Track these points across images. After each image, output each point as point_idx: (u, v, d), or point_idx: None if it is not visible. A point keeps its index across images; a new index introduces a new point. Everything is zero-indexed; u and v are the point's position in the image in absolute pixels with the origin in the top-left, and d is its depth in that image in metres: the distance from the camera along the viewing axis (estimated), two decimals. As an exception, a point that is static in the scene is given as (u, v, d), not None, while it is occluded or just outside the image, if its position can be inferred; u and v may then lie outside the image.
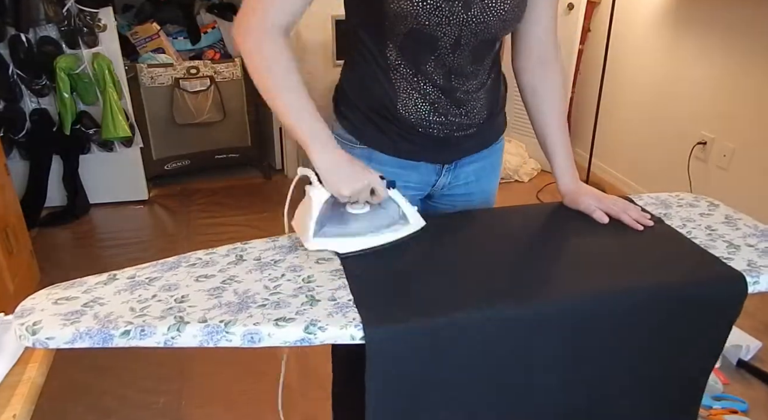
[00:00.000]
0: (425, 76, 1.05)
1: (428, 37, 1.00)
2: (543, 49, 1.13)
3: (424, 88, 1.06)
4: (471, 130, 1.13)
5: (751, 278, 0.94)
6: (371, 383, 0.83)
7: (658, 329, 0.94)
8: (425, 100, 1.07)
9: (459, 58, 1.04)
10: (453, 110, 1.09)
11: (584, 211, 1.11)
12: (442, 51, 1.02)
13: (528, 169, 3.48)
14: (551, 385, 0.94)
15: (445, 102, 1.08)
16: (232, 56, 3.32)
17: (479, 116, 1.13)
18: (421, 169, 1.15)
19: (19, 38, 2.61)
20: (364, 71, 1.08)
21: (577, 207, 1.13)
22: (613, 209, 1.10)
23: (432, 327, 0.83)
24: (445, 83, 1.06)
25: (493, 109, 1.16)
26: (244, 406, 1.83)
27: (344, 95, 1.13)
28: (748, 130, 2.52)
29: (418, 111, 1.08)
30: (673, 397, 1.04)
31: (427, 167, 1.15)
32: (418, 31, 0.99)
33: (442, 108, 1.08)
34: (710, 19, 2.64)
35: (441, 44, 1.01)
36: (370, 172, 0.98)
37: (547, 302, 0.88)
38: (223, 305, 0.83)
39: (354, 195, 0.96)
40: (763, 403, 1.84)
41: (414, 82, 1.06)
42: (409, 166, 1.14)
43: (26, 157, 2.88)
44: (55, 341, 0.77)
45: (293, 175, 3.46)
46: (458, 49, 1.02)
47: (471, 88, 1.09)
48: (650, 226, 1.08)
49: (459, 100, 1.08)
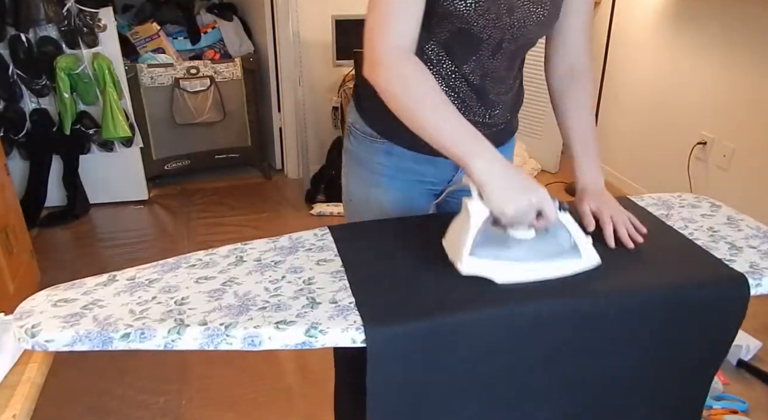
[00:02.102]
0: (463, 76, 1.07)
1: (474, 39, 1.01)
2: (575, 58, 1.14)
3: (459, 87, 1.08)
4: (493, 129, 1.15)
5: (754, 280, 0.93)
6: (372, 385, 0.83)
7: (660, 331, 0.93)
8: (457, 98, 1.09)
9: (496, 62, 1.06)
10: (480, 111, 1.11)
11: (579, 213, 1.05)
12: (483, 52, 1.04)
13: (528, 169, 3.47)
14: (553, 386, 0.94)
15: (476, 102, 1.10)
16: (232, 56, 3.31)
17: (502, 118, 1.15)
18: (439, 164, 1.15)
19: (19, 38, 2.61)
20: None
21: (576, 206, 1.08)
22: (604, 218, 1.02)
23: (433, 328, 0.82)
24: (480, 84, 1.08)
25: (513, 113, 1.19)
26: (244, 406, 1.82)
27: (366, 89, 1.13)
28: (748, 130, 2.52)
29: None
30: (677, 399, 1.03)
31: (444, 163, 1.15)
32: (466, 32, 1.00)
33: (471, 107, 1.10)
34: (710, 19, 2.63)
35: (484, 46, 1.03)
36: (540, 189, 0.87)
37: (548, 303, 0.88)
38: (224, 307, 0.83)
39: (518, 215, 0.86)
40: (763, 403, 1.84)
41: (450, 79, 1.07)
42: (428, 161, 1.15)
43: (26, 157, 2.88)
44: (54, 344, 0.77)
45: (293, 176, 3.49)
46: (498, 52, 1.05)
47: (501, 90, 1.11)
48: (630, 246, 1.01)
49: (489, 101, 1.10)
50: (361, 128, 1.18)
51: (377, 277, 0.91)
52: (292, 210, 3.13)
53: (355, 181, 1.22)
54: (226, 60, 3.21)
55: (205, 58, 3.23)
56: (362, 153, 1.20)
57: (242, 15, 3.53)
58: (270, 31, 3.19)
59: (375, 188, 1.19)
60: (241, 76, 3.22)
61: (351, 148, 1.22)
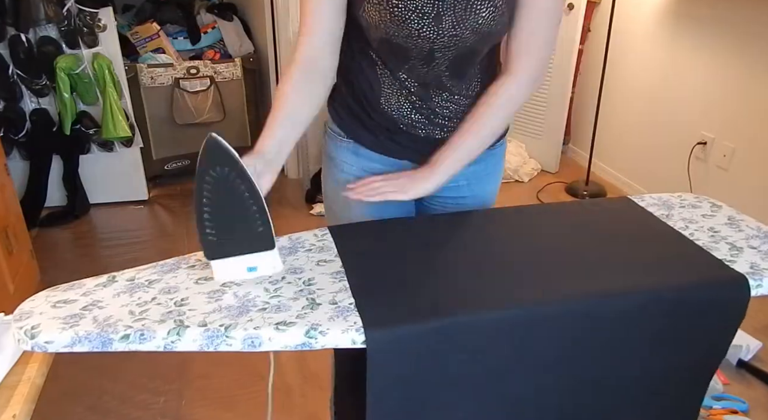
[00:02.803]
0: (401, 84, 1.06)
1: (399, 48, 0.99)
2: (511, 56, 1.04)
3: (405, 87, 1.07)
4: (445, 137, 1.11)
5: (754, 281, 0.93)
6: (371, 385, 0.83)
7: (659, 331, 0.93)
8: (406, 99, 1.07)
9: (434, 71, 1.03)
10: (433, 114, 1.09)
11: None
12: (414, 62, 1.02)
13: (528, 169, 3.47)
14: (552, 386, 0.94)
15: (425, 106, 1.08)
16: (232, 56, 3.31)
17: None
18: (406, 167, 1.14)
19: (19, 38, 2.61)
20: (352, 65, 1.08)
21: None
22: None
23: (433, 329, 0.82)
24: (421, 92, 1.06)
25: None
26: (243, 407, 1.82)
27: (336, 89, 1.13)
28: (748, 130, 2.51)
29: (400, 108, 1.08)
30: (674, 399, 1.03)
31: (411, 167, 1.13)
32: (389, 42, 0.99)
33: (423, 110, 1.08)
34: (710, 19, 2.63)
35: (413, 55, 1.00)
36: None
37: (547, 303, 0.88)
38: (223, 309, 0.83)
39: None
40: (763, 403, 1.84)
41: (395, 81, 1.06)
42: (395, 163, 1.14)
43: (26, 157, 2.87)
44: (53, 345, 0.77)
45: (293, 176, 3.49)
46: (433, 62, 1.01)
47: (452, 99, 1.08)
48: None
49: (439, 106, 1.08)
50: (332, 126, 1.17)
51: (377, 278, 0.91)
52: (291, 210, 3.12)
53: (328, 180, 1.21)
54: (226, 60, 3.21)
55: (205, 58, 3.23)
56: (333, 152, 1.18)
57: (242, 15, 3.53)
58: (270, 31, 3.19)
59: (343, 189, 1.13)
60: (241, 76, 3.22)
61: (325, 147, 1.21)
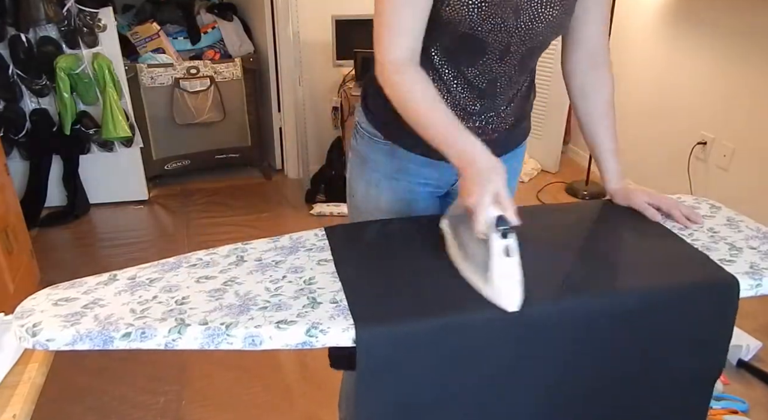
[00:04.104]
0: (466, 81, 1.06)
1: (479, 43, 1.01)
2: (594, 52, 1.12)
3: (460, 92, 1.07)
4: (495, 134, 1.14)
5: (754, 281, 0.93)
6: (361, 384, 0.83)
7: (653, 332, 0.93)
8: (456, 104, 1.08)
9: (506, 65, 1.05)
10: (483, 115, 1.11)
11: (637, 208, 1.12)
12: (490, 57, 1.03)
13: (528, 169, 3.47)
14: (549, 387, 0.94)
15: (479, 106, 1.09)
16: (232, 56, 3.32)
17: (506, 123, 1.14)
18: (442, 167, 1.15)
19: (19, 38, 2.61)
20: None
21: (628, 204, 1.14)
22: (665, 203, 1.11)
23: (423, 330, 0.82)
24: (488, 88, 1.07)
25: (520, 116, 1.17)
26: (243, 407, 1.82)
27: (374, 89, 1.13)
28: (748, 130, 2.52)
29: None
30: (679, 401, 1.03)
31: (447, 166, 1.15)
32: (470, 37, 1.00)
33: (472, 112, 1.10)
34: (710, 19, 2.63)
35: (490, 50, 1.02)
36: (501, 179, 0.87)
37: (540, 304, 0.87)
38: (224, 307, 0.83)
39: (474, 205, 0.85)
40: (763, 403, 1.84)
41: (451, 83, 1.07)
42: (429, 164, 1.15)
43: (26, 157, 2.88)
44: (55, 343, 0.77)
45: (293, 176, 3.49)
46: (507, 56, 1.04)
47: (510, 94, 1.10)
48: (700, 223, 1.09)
49: (493, 105, 1.10)
50: (366, 127, 1.18)
51: (369, 278, 0.91)
52: (292, 210, 3.13)
53: (358, 179, 1.23)
54: (226, 60, 3.22)
55: (205, 58, 3.23)
56: (365, 152, 1.20)
57: (242, 15, 3.53)
58: (270, 31, 3.19)
59: (374, 188, 1.20)
60: (241, 76, 3.22)
61: (356, 146, 1.23)
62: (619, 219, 1.12)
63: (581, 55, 1.13)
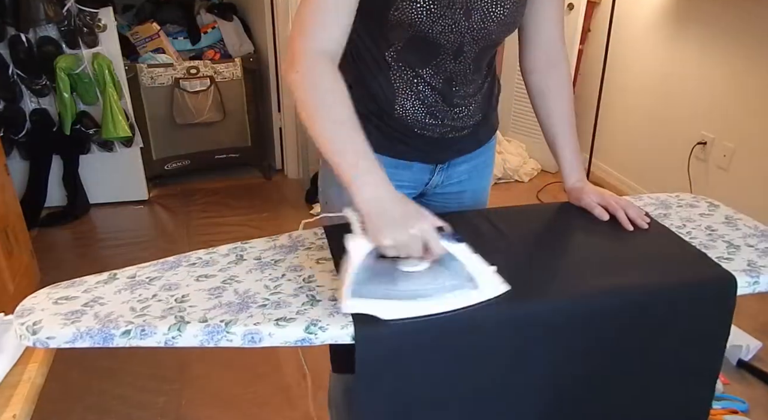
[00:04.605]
0: (424, 81, 1.05)
1: (430, 45, 1.00)
2: (551, 49, 1.13)
3: (422, 90, 1.06)
4: (465, 131, 1.14)
5: (751, 278, 0.94)
6: (360, 382, 0.83)
7: (650, 329, 0.93)
8: (422, 102, 1.07)
9: (460, 65, 1.04)
10: (449, 113, 1.09)
11: (585, 207, 1.12)
12: (443, 57, 1.02)
13: (528, 169, 3.48)
14: (548, 386, 0.94)
15: (442, 105, 1.08)
16: (232, 56, 3.32)
17: (474, 119, 1.14)
18: (415, 168, 1.15)
19: (19, 38, 2.61)
20: (364, 71, 1.08)
21: (579, 203, 1.14)
22: (613, 205, 1.10)
23: (420, 329, 0.82)
24: (444, 87, 1.06)
25: (487, 111, 1.17)
26: (243, 407, 1.83)
27: None
28: (748, 130, 2.52)
29: (415, 113, 1.08)
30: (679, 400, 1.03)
31: (420, 167, 1.15)
32: (421, 39, 0.99)
33: (438, 111, 1.09)
34: (710, 19, 2.64)
35: (443, 51, 1.01)
36: (425, 219, 0.82)
37: (538, 302, 0.88)
38: (224, 305, 0.83)
39: (399, 247, 0.80)
40: (763, 403, 1.84)
41: (412, 84, 1.06)
42: (403, 165, 1.14)
43: (26, 157, 2.88)
44: (55, 341, 0.78)
45: (293, 176, 3.49)
46: (461, 56, 1.03)
47: (468, 92, 1.09)
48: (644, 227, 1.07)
49: (456, 104, 1.09)
50: None
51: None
52: (292, 210, 3.13)
53: (330, 186, 1.18)
54: (226, 60, 3.22)
55: (205, 58, 3.23)
56: None
57: (242, 15, 3.53)
58: (270, 31, 3.19)
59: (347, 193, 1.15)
60: (241, 76, 3.22)
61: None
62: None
63: (537, 54, 1.14)
